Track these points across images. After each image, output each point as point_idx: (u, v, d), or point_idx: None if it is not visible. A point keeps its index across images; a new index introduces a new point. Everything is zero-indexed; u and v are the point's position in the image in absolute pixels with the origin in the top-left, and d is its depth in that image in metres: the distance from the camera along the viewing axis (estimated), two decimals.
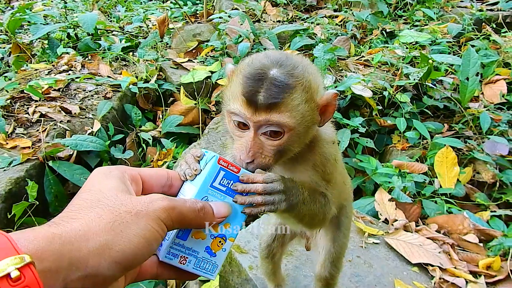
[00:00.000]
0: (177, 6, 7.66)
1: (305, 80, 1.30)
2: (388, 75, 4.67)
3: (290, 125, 1.29)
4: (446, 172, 3.57)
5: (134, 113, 4.39)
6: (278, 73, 1.27)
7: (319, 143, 1.52)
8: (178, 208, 0.98)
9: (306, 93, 1.30)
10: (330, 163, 1.55)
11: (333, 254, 2.02)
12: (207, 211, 1.07)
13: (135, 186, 1.05)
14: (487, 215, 3.27)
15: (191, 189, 1.14)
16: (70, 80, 4.47)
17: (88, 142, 3.56)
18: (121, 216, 0.88)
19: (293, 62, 1.33)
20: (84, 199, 0.92)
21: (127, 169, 1.06)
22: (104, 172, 1.01)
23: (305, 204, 1.38)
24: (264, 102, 1.25)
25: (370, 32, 6.04)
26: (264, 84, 1.26)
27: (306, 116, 1.32)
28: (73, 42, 5.91)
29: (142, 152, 4.17)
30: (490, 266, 2.78)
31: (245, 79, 1.30)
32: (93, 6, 8.64)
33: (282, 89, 1.26)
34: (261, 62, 1.32)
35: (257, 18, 6.62)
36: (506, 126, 3.97)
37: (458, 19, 5.77)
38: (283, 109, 1.27)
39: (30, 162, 3.31)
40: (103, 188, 0.95)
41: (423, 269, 2.73)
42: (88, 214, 0.87)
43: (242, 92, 1.29)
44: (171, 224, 0.96)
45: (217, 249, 1.19)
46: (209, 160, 1.15)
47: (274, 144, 1.33)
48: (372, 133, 4.32)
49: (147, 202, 0.94)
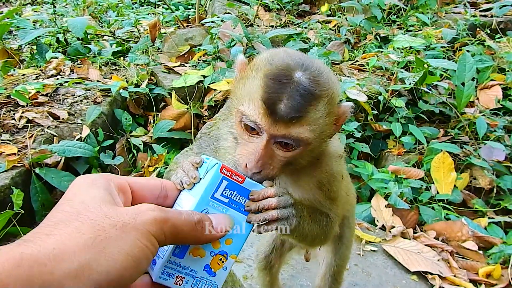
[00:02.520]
0: (169, 11, 7.61)
1: (330, 90, 1.18)
2: (383, 80, 4.62)
3: (308, 139, 1.17)
4: (443, 178, 3.51)
5: (124, 118, 4.29)
6: (303, 78, 1.13)
7: (325, 159, 1.40)
8: (172, 220, 0.84)
9: (329, 105, 1.18)
10: (337, 180, 1.45)
11: (334, 267, 1.93)
12: (205, 224, 0.94)
13: (123, 196, 0.92)
14: (485, 222, 3.22)
15: (189, 200, 1.02)
16: (59, 85, 4.37)
17: (76, 148, 3.45)
18: (105, 231, 0.75)
19: (317, 67, 1.19)
20: (62, 212, 0.78)
21: (114, 178, 0.92)
22: (87, 180, 0.88)
23: (306, 223, 1.27)
24: (286, 114, 1.11)
25: (364, 37, 6.01)
26: (287, 90, 1.11)
27: (325, 130, 1.22)
28: (62, 47, 5.83)
29: (133, 158, 4.07)
30: (490, 274, 2.73)
31: (266, 80, 1.15)
32: (84, 11, 8.57)
33: (308, 99, 1.12)
34: (284, 61, 1.18)
35: (250, 23, 6.57)
36: (502, 132, 3.94)
37: (452, 25, 5.76)
38: (304, 123, 1.14)
39: (16, 170, 3.19)
40: (85, 198, 0.81)
41: (422, 278, 2.66)
42: (66, 229, 0.73)
43: (262, 97, 1.14)
44: (163, 239, 0.83)
45: (217, 268, 1.06)
46: (210, 168, 1.03)
47: (287, 156, 1.21)
48: (368, 138, 4.26)
49: (135, 214, 0.80)
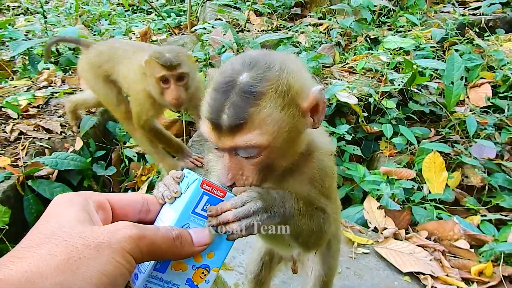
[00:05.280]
0: (160, 18, 7.62)
1: (281, 82, 1.11)
2: (373, 82, 4.65)
3: (262, 143, 1.12)
4: (435, 177, 3.53)
5: (118, 129, 4.30)
6: (247, 79, 1.10)
7: (316, 154, 1.36)
8: (148, 237, 0.85)
9: (282, 98, 1.11)
10: (329, 176, 1.42)
11: (323, 278, 1.92)
12: (184, 239, 0.95)
13: (103, 213, 0.92)
14: (478, 220, 3.23)
15: (170, 214, 1.02)
16: (50, 96, 4.38)
17: (68, 160, 3.46)
18: (78, 251, 0.75)
19: (269, 61, 1.14)
20: (37, 234, 0.78)
21: (93, 195, 0.92)
22: (64, 200, 0.88)
23: (301, 215, 1.23)
24: (227, 124, 1.09)
25: (355, 39, 6.03)
26: (229, 98, 1.09)
27: (285, 125, 1.13)
28: (54, 57, 5.83)
29: (125, 167, 4.08)
30: (482, 272, 2.73)
31: (211, 92, 1.15)
32: (77, 21, 8.58)
33: (248, 101, 1.08)
34: (232, 66, 1.15)
35: (241, 28, 6.59)
36: (492, 130, 3.96)
37: (442, 24, 5.78)
38: (250, 129, 1.09)
39: (8, 183, 3.19)
40: (60, 219, 0.81)
41: (414, 278, 2.67)
42: (39, 252, 0.73)
43: (206, 113, 1.14)
44: (140, 256, 0.83)
45: (199, 281, 1.06)
46: (191, 183, 1.03)
47: (253, 163, 1.17)
48: (359, 140, 4.27)
49: (110, 232, 0.80)
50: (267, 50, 1.28)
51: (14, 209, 3.15)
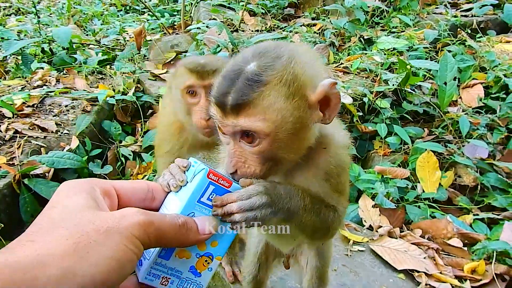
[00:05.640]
0: (154, 18, 7.61)
1: (287, 72, 1.11)
2: (368, 82, 4.69)
3: (263, 129, 1.12)
4: (428, 177, 3.57)
5: (113, 128, 4.30)
6: (254, 68, 1.11)
7: (332, 148, 1.33)
8: (156, 223, 0.86)
9: (287, 88, 1.11)
10: (345, 172, 1.41)
11: (319, 269, 1.94)
12: (190, 227, 0.96)
13: (109, 200, 0.93)
14: (470, 219, 3.28)
15: (176, 203, 1.03)
16: (45, 95, 4.37)
17: (65, 159, 3.45)
18: (88, 236, 0.76)
19: (279, 52, 1.15)
20: (47, 218, 0.81)
21: (99, 182, 0.94)
22: (71, 186, 0.89)
23: (307, 212, 1.22)
24: (231, 103, 1.11)
25: (348, 40, 6.07)
26: (234, 84, 1.11)
27: (289, 115, 1.13)
28: (48, 57, 5.80)
29: (121, 166, 4.08)
30: (475, 270, 2.77)
31: (219, 79, 1.18)
32: (69, 20, 8.55)
33: (252, 86, 1.09)
34: (244, 55, 1.18)
35: (235, 28, 6.61)
36: (485, 130, 4.02)
37: (434, 25, 5.84)
38: (253, 112, 1.10)
39: (4, 181, 3.18)
40: (69, 204, 0.83)
41: (409, 276, 2.71)
42: (50, 236, 0.76)
43: (213, 93, 1.17)
44: (148, 242, 0.85)
45: (202, 269, 1.08)
46: (197, 172, 1.04)
47: (253, 152, 1.17)
48: (354, 140, 4.31)
49: (118, 218, 0.82)
50: (283, 41, 1.28)
51: (10, 207, 3.16)
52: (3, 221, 2.92)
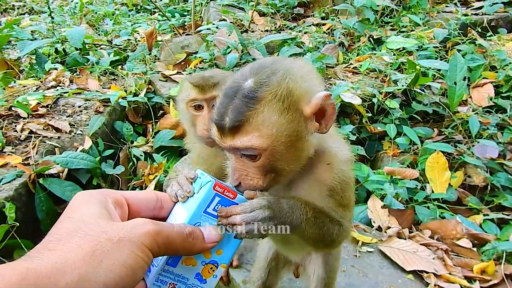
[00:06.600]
0: (165, 19, 7.67)
1: (282, 87, 1.16)
2: (377, 82, 4.69)
3: (260, 145, 1.17)
4: (438, 177, 3.58)
5: (125, 129, 4.36)
6: (250, 84, 1.16)
7: (336, 164, 1.37)
8: (164, 232, 0.94)
9: (281, 103, 1.15)
10: (350, 186, 1.43)
11: (324, 280, 1.97)
12: (196, 236, 1.03)
13: (120, 210, 1.01)
14: (480, 219, 3.28)
15: (183, 213, 1.09)
16: (59, 96, 4.44)
17: (78, 159, 3.51)
18: (102, 245, 0.84)
19: (274, 68, 1.20)
20: (63, 228, 0.88)
21: (111, 193, 1.02)
22: (85, 197, 0.97)
23: (309, 226, 1.27)
24: (228, 125, 1.16)
25: (358, 39, 6.07)
26: (232, 102, 1.17)
27: (284, 129, 1.17)
28: (61, 57, 5.88)
29: (133, 166, 4.14)
30: (484, 271, 2.78)
31: (220, 97, 1.24)
32: (81, 20, 8.65)
33: (247, 105, 1.14)
34: (242, 73, 1.23)
35: (245, 28, 6.63)
36: (495, 129, 4.00)
37: (444, 24, 5.82)
38: (248, 130, 1.15)
39: (19, 181, 3.24)
40: (83, 215, 0.90)
41: (418, 276, 2.73)
42: (67, 245, 0.83)
43: (213, 115, 1.22)
44: (157, 250, 0.92)
45: (208, 276, 1.14)
46: (204, 184, 1.10)
47: (255, 166, 1.23)
48: (363, 140, 4.33)
49: (130, 228, 0.89)
50: (280, 57, 1.34)
51: (25, 206, 3.22)
52: (18, 219, 2.98)
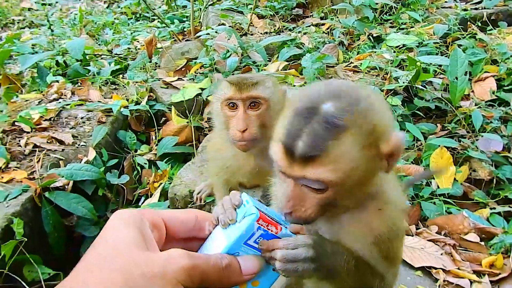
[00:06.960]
0: (164, 25, 7.69)
1: (367, 120, 1.04)
2: (378, 80, 4.69)
3: (333, 180, 1.04)
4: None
5: (128, 137, 4.37)
6: (331, 108, 1.02)
7: (387, 211, 1.24)
8: (200, 267, 0.90)
9: (365, 138, 1.04)
10: (398, 239, 1.31)
11: None
12: (233, 269, 0.98)
13: (157, 233, 0.98)
14: (487, 213, 3.26)
15: (223, 240, 1.05)
16: (61, 108, 4.47)
17: (83, 171, 3.52)
18: (134, 281, 0.81)
19: (356, 95, 1.07)
20: (97, 255, 0.86)
21: (148, 214, 0.98)
22: (122, 218, 0.94)
23: (349, 276, 1.17)
24: (301, 153, 1.02)
25: (357, 38, 6.06)
26: (309, 125, 1.01)
27: (362, 166, 1.06)
28: (62, 69, 5.90)
29: (138, 175, 4.16)
30: (493, 264, 2.77)
31: (290, 115, 1.07)
32: (81, 31, 8.69)
33: (330, 133, 1.00)
34: (317, 92, 1.08)
35: (244, 32, 6.65)
36: (498, 123, 3.99)
37: (444, 20, 5.80)
38: (325, 162, 1.02)
39: (25, 196, 3.26)
40: (118, 240, 0.88)
41: (426, 273, 2.71)
42: (99, 276, 0.81)
43: (281, 136, 1.07)
44: (191, 285, 0.88)
45: None
46: (247, 215, 1.05)
47: (317, 198, 1.11)
48: None
49: (164, 261, 0.86)
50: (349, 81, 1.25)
51: (32, 221, 3.23)
52: (26, 234, 2.97)
